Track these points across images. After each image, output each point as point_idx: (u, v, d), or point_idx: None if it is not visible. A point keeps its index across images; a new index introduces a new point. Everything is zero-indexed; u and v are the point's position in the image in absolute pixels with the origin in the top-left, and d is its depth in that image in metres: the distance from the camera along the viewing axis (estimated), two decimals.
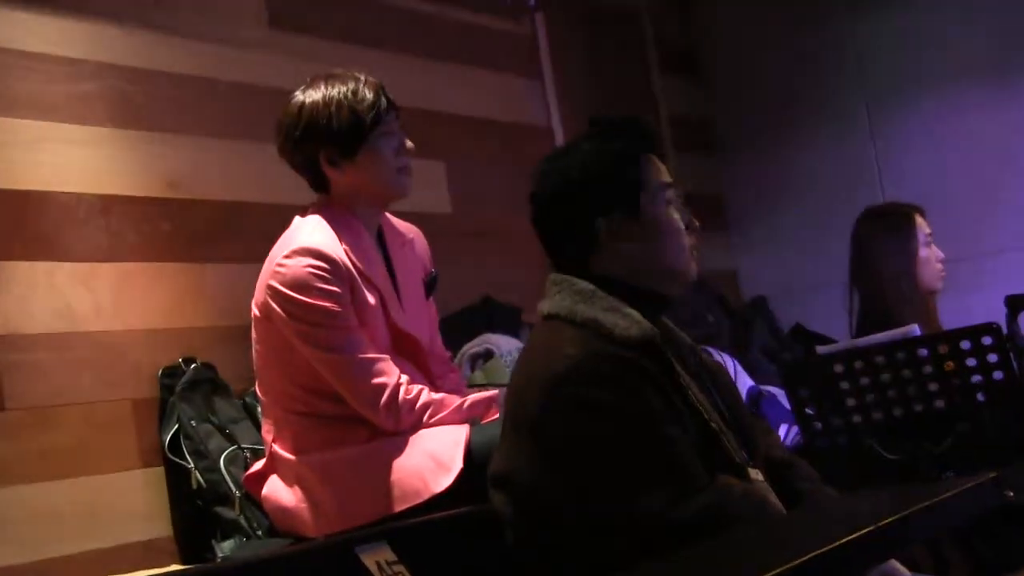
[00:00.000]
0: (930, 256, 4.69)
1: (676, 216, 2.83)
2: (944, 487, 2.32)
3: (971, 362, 3.68)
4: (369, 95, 3.50)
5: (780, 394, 4.74)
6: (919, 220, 4.72)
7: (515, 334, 4.73)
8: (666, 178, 2.85)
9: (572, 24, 6.20)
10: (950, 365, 3.68)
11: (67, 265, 3.91)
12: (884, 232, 4.76)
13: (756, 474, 2.75)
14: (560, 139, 5.83)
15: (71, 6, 4.09)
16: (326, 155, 3.50)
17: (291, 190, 3.78)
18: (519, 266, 5.12)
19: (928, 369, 3.68)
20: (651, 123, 2.94)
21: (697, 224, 2.87)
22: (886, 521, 1.99)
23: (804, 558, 1.76)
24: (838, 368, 3.74)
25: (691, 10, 7.16)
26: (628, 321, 2.69)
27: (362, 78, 3.54)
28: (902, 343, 3.76)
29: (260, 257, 3.54)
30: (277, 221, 3.66)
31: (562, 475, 2.63)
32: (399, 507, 3.33)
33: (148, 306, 4.10)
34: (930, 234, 4.74)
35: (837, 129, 6.66)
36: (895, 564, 2.67)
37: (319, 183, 3.57)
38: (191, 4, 4.47)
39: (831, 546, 1.83)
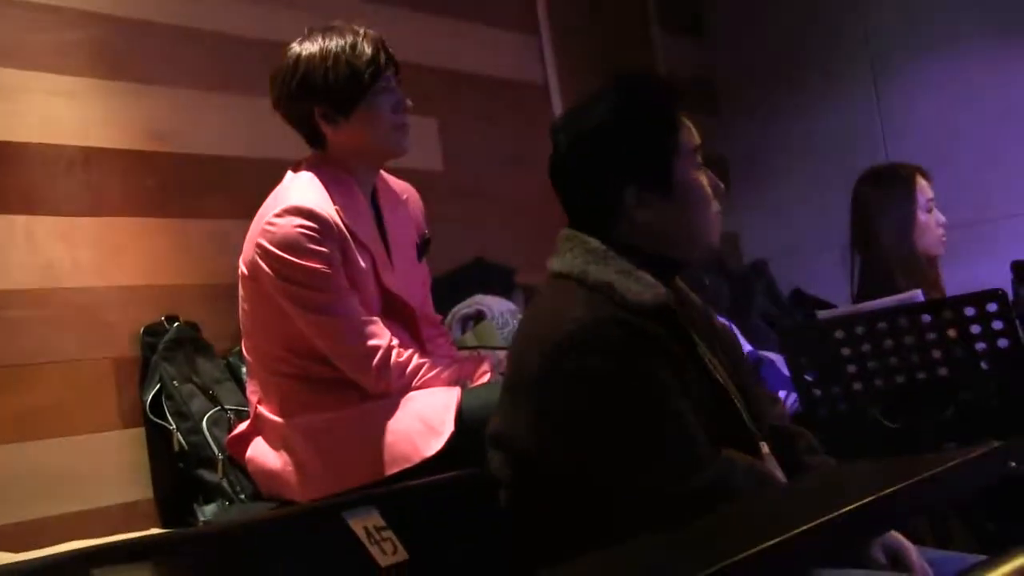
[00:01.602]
0: (930, 221, 4.62)
1: (706, 182, 2.73)
2: (947, 458, 2.28)
3: (975, 329, 3.67)
4: (368, 50, 3.44)
5: (779, 360, 4.70)
6: (920, 182, 4.64)
7: (507, 295, 4.69)
8: (698, 140, 2.75)
9: None
10: (954, 332, 3.64)
11: (47, 219, 3.84)
12: (883, 194, 4.70)
13: (765, 447, 2.70)
14: (556, 96, 5.78)
15: None
16: (321, 111, 3.44)
17: (280, 145, 3.73)
18: (512, 226, 5.08)
19: (931, 336, 3.65)
20: (678, 81, 2.84)
21: (723, 187, 2.76)
22: (887, 492, 1.96)
23: (804, 528, 1.73)
24: (839, 334, 3.71)
25: None
26: (641, 286, 2.61)
27: (361, 32, 3.48)
28: (905, 309, 3.73)
29: (247, 214, 3.49)
30: (265, 177, 3.61)
31: (562, 442, 2.57)
32: (388, 471, 3.29)
33: (130, 263, 4.05)
34: (931, 199, 4.66)
35: (840, 90, 6.61)
36: (897, 535, 2.60)
37: (314, 139, 3.51)
38: None
39: (831, 517, 1.80)
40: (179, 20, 4.32)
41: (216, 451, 3.80)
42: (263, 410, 3.47)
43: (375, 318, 3.40)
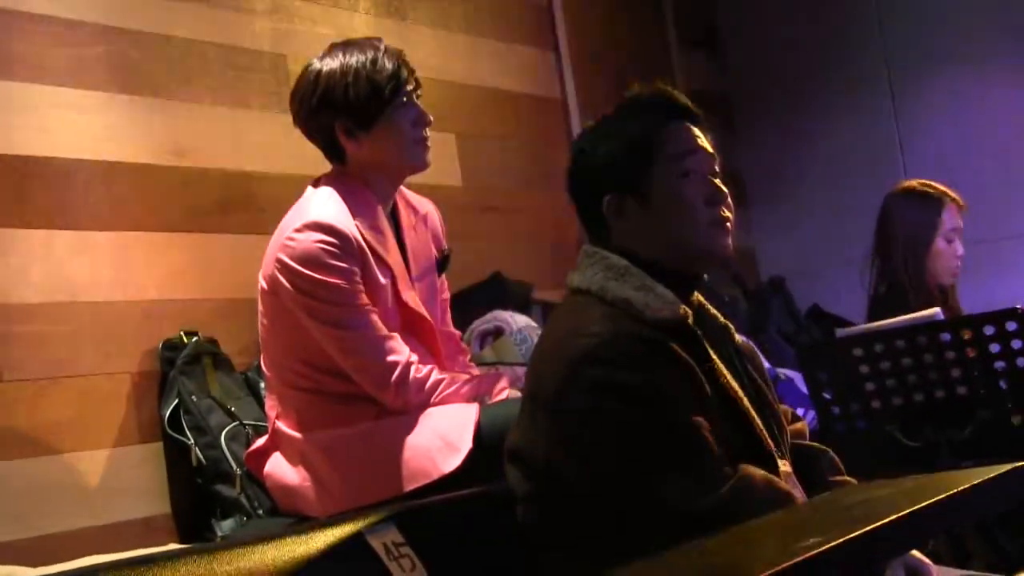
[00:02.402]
0: (947, 251, 4.61)
1: (690, 190, 2.71)
2: (968, 477, 2.25)
3: (994, 348, 3.64)
4: (388, 65, 3.44)
5: (797, 377, 4.68)
6: (950, 209, 4.63)
7: (526, 311, 4.67)
8: (687, 147, 2.73)
9: None
10: (972, 351, 3.62)
11: (67, 233, 3.85)
12: (907, 209, 4.69)
13: (784, 465, 2.70)
14: (575, 112, 5.77)
15: None
16: (342, 126, 3.44)
17: (301, 161, 3.74)
18: (530, 242, 5.07)
19: (950, 354, 3.63)
20: (676, 92, 2.84)
21: (721, 196, 2.73)
22: (907, 512, 1.92)
23: (823, 548, 1.70)
24: (857, 352, 3.70)
25: None
26: (660, 302, 2.61)
27: (382, 47, 3.48)
28: (924, 327, 3.71)
29: (266, 229, 3.50)
30: (285, 192, 3.63)
31: (579, 457, 2.57)
32: (407, 487, 3.28)
33: (150, 277, 4.04)
34: (957, 228, 4.65)
35: (859, 106, 6.56)
36: (916, 554, 2.60)
37: (334, 154, 3.51)
38: None
39: (850, 537, 1.76)
40: (200, 35, 4.32)
41: (234, 466, 3.80)
42: (281, 425, 3.46)
43: (394, 334, 3.39)
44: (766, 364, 4.91)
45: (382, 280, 3.40)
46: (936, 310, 3.90)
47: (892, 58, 6.50)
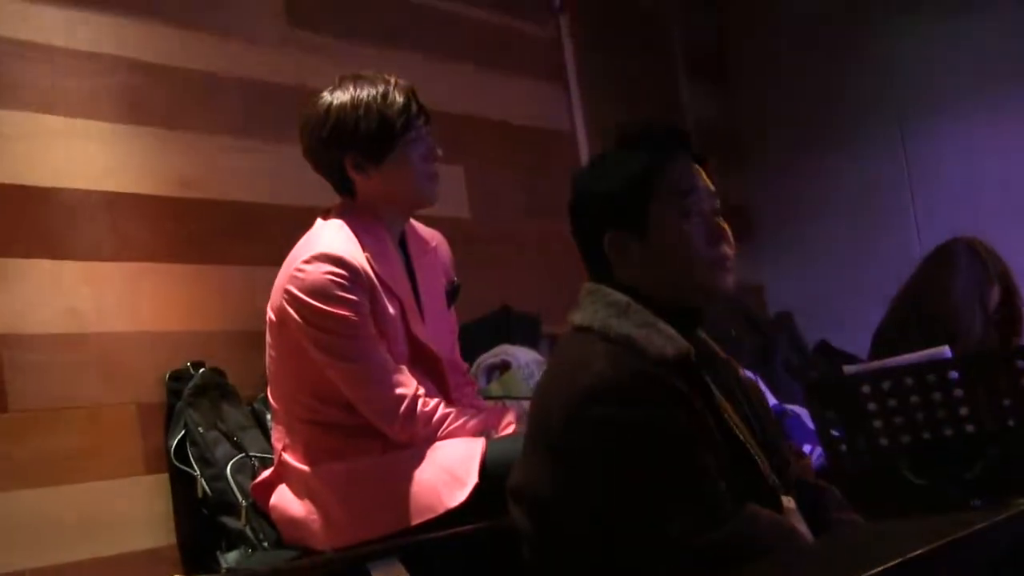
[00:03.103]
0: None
1: (689, 227, 2.70)
2: (977, 518, 2.25)
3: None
4: (399, 99, 3.44)
5: (804, 414, 4.67)
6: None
7: (534, 345, 4.67)
8: (686, 184, 2.73)
9: (597, 27, 6.14)
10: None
11: (73, 264, 3.84)
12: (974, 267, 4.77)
13: (788, 501, 2.69)
14: (583, 144, 5.77)
15: None
16: (352, 160, 3.44)
17: (308, 193, 3.74)
18: (539, 275, 5.07)
19: (959, 392, 3.61)
20: (676, 126, 2.84)
21: (722, 235, 2.73)
22: (916, 555, 1.94)
23: None
24: (865, 389, 3.68)
25: (720, 15, 7.07)
26: (662, 339, 2.61)
27: (392, 81, 3.48)
28: (932, 365, 3.69)
29: (274, 260, 3.49)
30: (292, 224, 3.61)
31: (583, 494, 2.56)
32: (413, 521, 3.27)
33: (156, 308, 4.04)
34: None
35: (867, 141, 6.55)
36: None
37: (344, 187, 3.51)
38: None
39: None
40: (207, 66, 4.33)
41: (240, 498, 3.77)
42: (288, 457, 3.46)
43: (402, 367, 3.39)
44: (772, 400, 4.93)
45: (392, 312, 3.39)
46: (944, 348, 3.89)
47: (902, 95, 6.49)
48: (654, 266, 2.70)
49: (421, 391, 3.37)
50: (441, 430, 3.36)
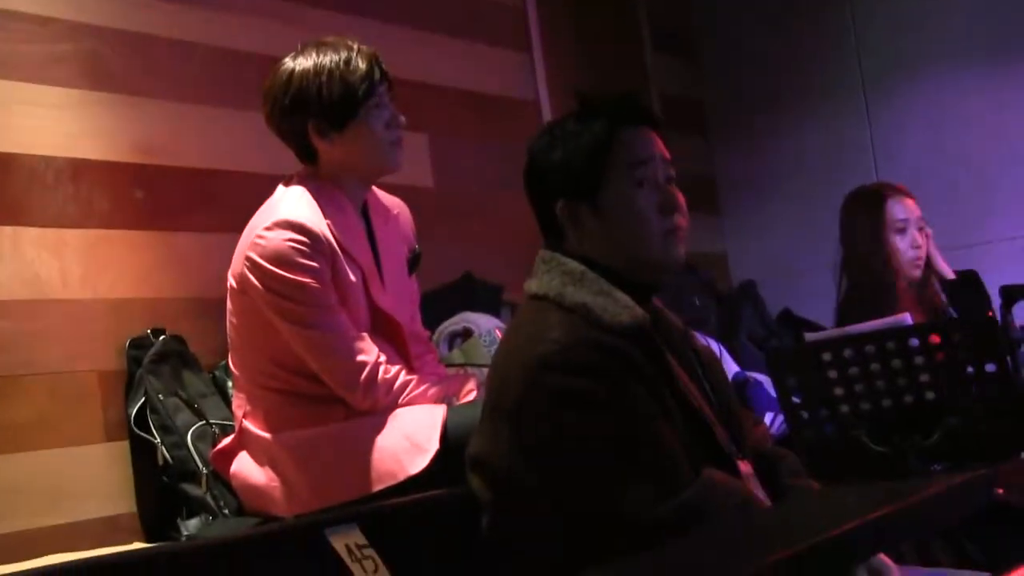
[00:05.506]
0: (901, 243, 4.64)
1: (642, 199, 2.69)
2: (933, 483, 2.26)
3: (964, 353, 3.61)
4: (362, 65, 3.43)
5: (766, 381, 4.68)
6: (890, 203, 4.65)
7: (495, 313, 4.67)
8: (640, 154, 2.72)
9: None
10: (940, 357, 3.62)
11: (33, 231, 3.81)
12: (856, 213, 4.74)
13: (744, 465, 2.69)
14: (547, 114, 5.77)
15: None
16: (315, 126, 3.44)
17: (270, 159, 3.73)
18: (501, 243, 5.06)
19: (919, 360, 3.61)
20: (635, 96, 2.82)
21: (675, 205, 2.71)
22: (872, 518, 1.94)
23: (787, 554, 1.72)
24: (826, 356, 3.68)
25: None
26: (618, 307, 2.61)
27: (355, 47, 3.48)
28: (892, 332, 3.69)
29: (235, 227, 3.48)
30: (254, 191, 3.61)
31: (540, 464, 2.56)
32: (374, 488, 3.28)
33: (117, 275, 4.01)
34: (905, 219, 4.67)
35: (832, 111, 6.55)
36: (881, 556, 2.59)
37: (306, 154, 3.51)
38: None
39: (815, 541, 1.79)
40: (168, 32, 4.29)
41: (200, 465, 3.76)
42: (249, 424, 3.46)
43: (363, 334, 3.39)
44: (736, 368, 4.94)
45: (353, 279, 3.40)
46: (905, 315, 3.90)
47: (866, 64, 6.49)
48: (606, 236, 2.69)
49: (382, 358, 3.37)
50: (402, 397, 3.37)
